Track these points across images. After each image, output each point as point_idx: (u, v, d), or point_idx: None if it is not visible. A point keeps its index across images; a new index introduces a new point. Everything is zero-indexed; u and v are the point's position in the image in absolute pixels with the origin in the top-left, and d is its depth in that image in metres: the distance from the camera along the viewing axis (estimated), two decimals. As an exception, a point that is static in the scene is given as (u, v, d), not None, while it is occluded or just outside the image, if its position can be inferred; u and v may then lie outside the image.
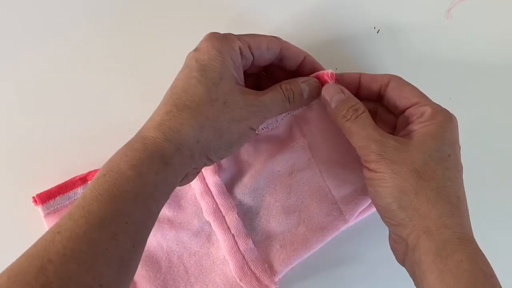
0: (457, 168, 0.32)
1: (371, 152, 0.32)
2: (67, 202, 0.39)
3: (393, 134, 0.33)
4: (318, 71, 0.38)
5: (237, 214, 0.39)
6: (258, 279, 0.38)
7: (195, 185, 0.40)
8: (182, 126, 0.30)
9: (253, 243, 0.39)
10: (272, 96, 0.34)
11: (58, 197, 0.38)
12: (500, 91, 0.43)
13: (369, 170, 0.33)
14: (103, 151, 0.41)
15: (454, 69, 0.44)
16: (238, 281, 0.38)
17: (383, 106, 0.37)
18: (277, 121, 0.39)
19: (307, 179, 0.39)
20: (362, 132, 0.33)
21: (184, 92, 0.31)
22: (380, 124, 0.35)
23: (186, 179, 0.33)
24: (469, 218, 0.32)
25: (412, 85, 0.35)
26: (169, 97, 0.32)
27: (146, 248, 0.39)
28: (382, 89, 0.36)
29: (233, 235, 0.39)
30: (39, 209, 0.38)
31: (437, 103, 0.43)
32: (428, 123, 0.33)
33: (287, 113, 0.39)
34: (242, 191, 0.39)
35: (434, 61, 0.44)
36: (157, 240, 0.39)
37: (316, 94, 0.37)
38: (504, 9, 0.44)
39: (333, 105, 0.35)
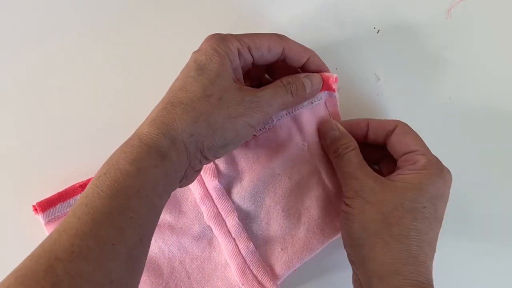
0: (429, 221, 0.32)
1: (350, 189, 0.34)
2: (68, 209, 0.38)
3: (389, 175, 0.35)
4: (322, 72, 0.38)
5: (238, 218, 0.39)
6: (260, 283, 0.38)
7: (195, 190, 0.40)
8: (175, 120, 0.30)
9: (254, 246, 0.39)
10: (272, 90, 0.34)
11: (59, 204, 0.38)
12: (501, 91, 0.43)
13: (345, 204, 0.34)
14: (103, 158, 0.40)
15: (454, 69, 0.43)
16: (240, 285, 0.38)
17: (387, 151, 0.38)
18: (273, 120, 0.39)
19: (307, 181, 0.39)
20: (347, 169, 0.35)
21: (180, 90, 0.31)
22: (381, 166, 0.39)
23: (185, 179, 0.33)
24: (429, 269, 0.32)
25: (416, 134, 0.36)
26: (166, 96, 0.32)
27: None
28: (388, 135, 0.37)
29: (234, 239, 0.39)
30: (39, 218, 0.38)
31: (437, 103, 0.43)
32: (416, 172, 0.33)
33: (285, 113, 0.39)
34: (242, 195, 0.39)
35: (434, 61, 0.44)
36: (158, 245, 0.39)
37: (318, 87, 0.38)
38: (504, 9, 0.44)
39: (327, 141, 0.37)
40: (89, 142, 0.41)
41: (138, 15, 0.44)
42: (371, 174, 0.34)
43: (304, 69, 0.38)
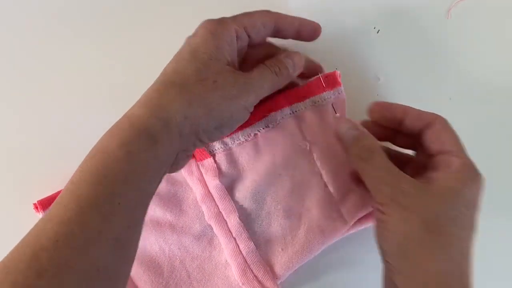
0: (467, 227, 0.31)
1: (382, 195, 0.31)
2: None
3: (421, 174, 0.33)
4: (308, 25, 0.37)
5: (239, 217, 0.39)
6: (260, 282, 0.38)
7: (196, 189, 0.40)
8: (169, 102, 0.30)
9: (255, 246, 0.39)
10: (259, 72, 0.34)
11: (59, 203, 0.38)
12: (501, 91, 0.43)
13: (380, 211, 0.32)
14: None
15: (454, 69, 0.43)
16: (240, 284, 0.38)
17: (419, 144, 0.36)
18: (277, 119, 0.39)
19: (308, 181, 0.39)
20: (375, 174, 0.32)
21: (174, 73, 0.31)
22: (411, 164, 0.36)
23: (176, 164, 0.32)
24: (471, 278, 0.31)
25: (454, 132, 0.33)
26: (159, 78, 0.32)
27: (148, 252, 0.39)
28: (426, 128, 0.34)
29: (234, 239, 0.39)
30: (40, 216, 0.38)
31: (437, 103, 0.43)
32: (452, 176, 0.31)
33: (289, 113, 0.39)
34: (243, 194, 0.39)
35: (434, 61, 0.44)
36: (159, 244, 0.39)
37: (301, 64, 0.37)
38: (504, 9, 0.44)
39: (346, 142, 0.34)
40: (89, 142, 0.41)
41: (138, 15, 0.44)
42: (402, 176, 0.31)
43: (298, 34, 0.37)
